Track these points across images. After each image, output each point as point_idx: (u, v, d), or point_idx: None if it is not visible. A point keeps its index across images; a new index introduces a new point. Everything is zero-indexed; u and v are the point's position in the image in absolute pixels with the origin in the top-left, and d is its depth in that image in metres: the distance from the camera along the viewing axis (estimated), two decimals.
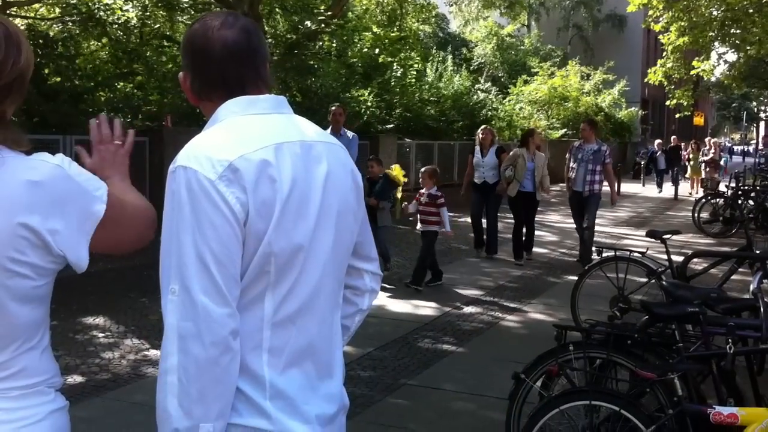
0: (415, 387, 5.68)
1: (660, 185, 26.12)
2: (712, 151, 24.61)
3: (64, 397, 1.88)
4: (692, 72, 25.11)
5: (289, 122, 1.94)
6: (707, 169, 22.24)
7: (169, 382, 1.71)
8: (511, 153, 11.38)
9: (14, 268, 1.70)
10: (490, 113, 24.07)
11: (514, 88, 30.59)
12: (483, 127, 11.84)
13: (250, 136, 1.82)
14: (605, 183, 10.78)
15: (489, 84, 28.89)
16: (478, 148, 11.44)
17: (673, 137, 29.44)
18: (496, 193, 11.33)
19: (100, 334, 6.88)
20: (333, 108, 10.25)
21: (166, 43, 18.23)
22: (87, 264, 1.79)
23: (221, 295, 1.72)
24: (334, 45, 22.04)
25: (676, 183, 24.57)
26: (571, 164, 10.79)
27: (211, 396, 1.71)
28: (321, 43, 21.77)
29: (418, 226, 9.15)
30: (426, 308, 8.13)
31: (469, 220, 11.85)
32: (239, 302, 1.77)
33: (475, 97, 24.26)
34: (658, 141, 29.03)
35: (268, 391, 1.82)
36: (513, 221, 11.46)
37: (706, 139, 28.48)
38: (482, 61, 35.74)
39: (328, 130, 7.27)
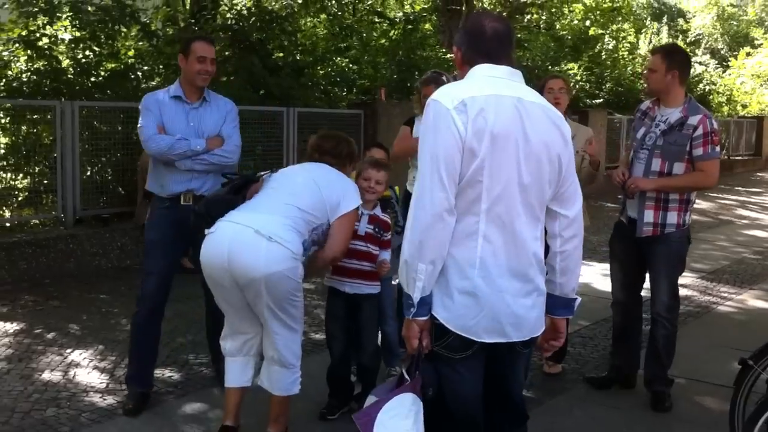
0: None
1: None
2: None
3: None
4: None
5: (516, 86, 2.75)
6: None
7: (407, 233, 2.68)
8: None
9: None
10: (707, 87, 22.80)
11: (735, 61, 28.71)
12: (427, 76, 5.51)
13: (481, 86, 2.69)
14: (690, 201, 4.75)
15: (707, 57, 27.31)
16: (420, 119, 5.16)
17: None
18: None
19: (317, 296, 7.27)
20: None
21: (377, 19, 18.70)
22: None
23: (442, 184, 2.60)
24: (543, 18, 21.69)
25: None
26: (632, 156, 4.88)
27: (427, 247, 2.62)
28: (530, 16, 21.52)
29: (328, 278, 4.53)
30: None
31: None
32: (463, 200, 2.64)
33: (691, 70, 23.03)
34: None
35: (478, 264, 2.67)
36: None
37: None
38: (700, 32, 33.78)
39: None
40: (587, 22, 20.92)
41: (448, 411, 2.80)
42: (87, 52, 9.40)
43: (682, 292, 7.77)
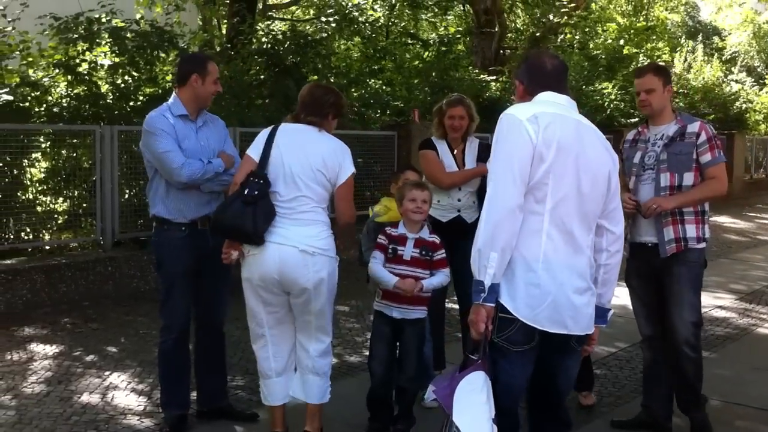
0: None
1: None
2: None
3: None
4: None
5: (573, 111, 3.22)
6: None
7: (481, 225, 3.02)
8: None
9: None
10: (744, 105, 22.56)
11: None
12: (453, 98, 5.47)
13: (548, 107, 3.13)
14: (704, 216, 4.58)
15: (743, 74, 27.04)
16: (442, 143, 5.44)
17: None
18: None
19: (352, 319, 7.29)
20: None
21: (410, 41, 18.81)
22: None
23: (515, 183, 2.99)
24: (577, 37, 21.65)
25: None
26: (630, 183, 4.64)
27: (497, 238, 2.97)
28: (563, 36, 21.50)
29: (377, 302, 4.52)
30: None
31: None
32: (530, 201, 3.02)
33: (727, 88, 22.81)
34: None
35: (542, 259, 3.04)
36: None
37: None
38: (736, 50, 33.49)
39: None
40: (621, 42, 20.84)
41: (495, 399, 3.05)
42: (126, 77, 9.57)
43: (720, 314, 7.72)
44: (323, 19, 15.86)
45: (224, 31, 16.59)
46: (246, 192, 4.01)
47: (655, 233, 4.50)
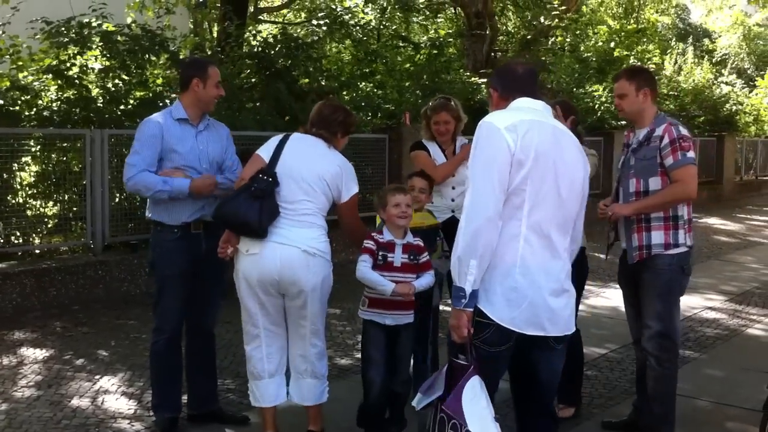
0: None
1: None
2: None
3: None
4: None
5: (549, 117, 3.31)
6: None
7: (460, 232, 3.08)
8: None
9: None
10: (734, 108, 22.63)
11: (762, 81, 28.49)
12: (437, 102, 5.50)
13: (525, 113, 3.21)
14: (681, 222, 4.38)
15: (733, 77, 27.13)
16: (432, 144, 5.50)
17: None
18: None
19: (344, 322, 7.29)
20: None
21: (401, 44, 18.81)
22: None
23: (495, 192, 3.05)
24: (568, 40, 21.71)
25: None
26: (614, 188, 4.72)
27: (477, 245, 3.03)
28: (554, 39, 21.56)
29: (365, 311, 4.40)
30: None
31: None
32: (509, 206, 3.07)
33: (718, 90, 22.87)
34: None
35: (519, 263, 3.10)
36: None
37: None
38: (726, 52, 33.59)
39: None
40: (612, 44, 20.89)
41: None
42: (116, 81, 9.54)
43: (710, 315, 7.75)
44: (314, 22, 15.88)
45: (215, 35, 16.57)
46: (254, 187, 4.08)
47: (625, 241, 4.49)
